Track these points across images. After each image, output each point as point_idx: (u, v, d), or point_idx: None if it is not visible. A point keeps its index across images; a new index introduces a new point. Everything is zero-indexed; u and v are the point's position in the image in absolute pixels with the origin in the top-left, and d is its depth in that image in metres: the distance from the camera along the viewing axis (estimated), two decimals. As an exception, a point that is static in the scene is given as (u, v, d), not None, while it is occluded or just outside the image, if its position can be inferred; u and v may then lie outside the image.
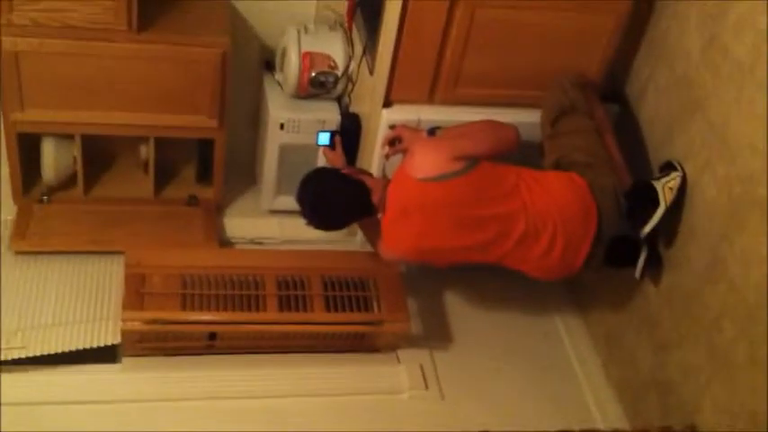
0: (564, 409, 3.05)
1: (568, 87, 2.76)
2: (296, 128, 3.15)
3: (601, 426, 2.99)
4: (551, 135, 2.76)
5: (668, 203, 2.66)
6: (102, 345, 2.87)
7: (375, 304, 3.00)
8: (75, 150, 3.15)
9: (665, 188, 2.68)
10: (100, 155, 3.34)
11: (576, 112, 2.74)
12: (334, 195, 2.70)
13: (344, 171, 2.80)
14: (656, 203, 2.67)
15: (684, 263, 2.74)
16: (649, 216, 2.68)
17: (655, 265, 2.82)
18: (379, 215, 2.76)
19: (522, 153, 2.71)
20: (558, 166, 2.71)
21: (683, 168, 2.71)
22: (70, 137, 3.13)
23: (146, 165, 3.29)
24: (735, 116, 2.53)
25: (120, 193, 3.34)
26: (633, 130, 3.00)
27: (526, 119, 2.82)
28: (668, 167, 2.75)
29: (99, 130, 3.09)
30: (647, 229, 2.68)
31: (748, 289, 2.46)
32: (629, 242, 2.76)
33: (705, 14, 2.68)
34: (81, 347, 2.85)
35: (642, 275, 2.79)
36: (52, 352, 2.81)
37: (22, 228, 3.13)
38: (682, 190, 2.70)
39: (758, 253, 2.43)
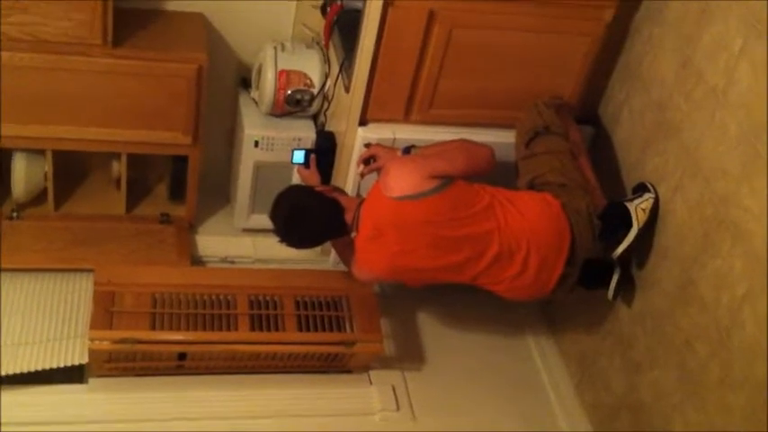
0: (536, 428, 3.04)
1: (543, 109, 2.78)
2: (270, 146, 3.13)
3: (573, 447, 3.00)
4: (526, 156, 2.76)
5: (641, 225, 2.68)
6: (69, 364, 2.82)
7: (348, 324, 2.97)
8: (47, 166, 3.12)
9: (638, 209, 2.69)
10: (71, 171, 3.31)
11: (550, 133, 2.75)
12: (308, 213, 2.69)
13: (318, 189, 2.79)
14: (628, 225, 2.68)
15: (657, 284, 2.75)
16: (622, 237, 2.69)
17: (627, 287, 2.83)
18: (353, 234, 2.75)
19: (496, 173, 2.71)
20: (532, 186, 2.72)
21: (655, 190, 2.73)
22: (41, 152, 3.09)
23: (118, 181, 3.26)
24: (707, 139, 2.55)
25: (92, 209, 3.30)
26: (607, 152, 3.02)
27: (501, 139, 2.83)
28: (641, 189, 2.77)
29: (71, 146, 3.05)
30: (620, 250, 2.70)
31: (720, 310, 2.47)
32: (602, 263, 2.78)
33: (679, 38, 2.71)
34: (48, 367, 2.80)
35: (615, 297, 2.81)
36: (18, 372, 2.76)
37: (-10, 244, 3.08)
38: (654, 211, 2.71)
39: (729, 275, 2.44)
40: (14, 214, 3.20)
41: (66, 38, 2.78)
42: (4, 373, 2.74)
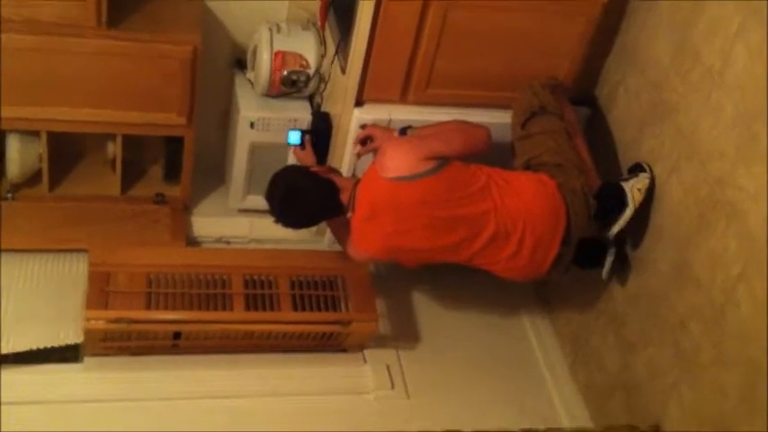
0: (530, 408, 3.06)
1: (539, 89, 2.78)
2: (266, 126, 3.13)
3: (566, 425, 3.00)
4: (522, 136, 2.77)
5: (636, 205, 2.68)
6: (64, 344, 2.83)
7: (343, 304, 2.98)
8: (41, 147, 3.10)
9: (634, 190, 2.70)
10: (66, 152, 3.30)
11: (546, 113, 2.75)
12: (304, 193, 2.68)
13: (314, 170, 2.79)
14: (624, 205, 2.69)
15: (651, 264, 2.76)
16: (617, 217, 2.70)
17: (622, 267, 2.84)
18: (349, 214, 2.75)
19: (493, 154, 2.72)
20: (528, 166, 2.72)
21: (651, 170, 2.74)
22: (36, 133, 3.08)
23: (113, 162, 3.25)
24: (703, 120, 2.56)
25: (87, 190, 3.29)
26: (603, 133, 3.03)
27: (497, 120, 2.83)
28: (637, 169, 2.77)
29: (66, 127, 3.04)
30: (615, 230, 2.71)
31: (714, 291, 2.48)
32: (596, 243, 2.79)
33: (676, 20, 2.71)
34: (43, 346, 2.81)
35: (609, 277, 2.82)
36: (14, 351, 2.77)
37: (-15, 225, 3.07)
38: (650, 192, 2.72)
39: (724, 255, 2.45)
40: (9, 195, 3.19)
41: (61, 19, 2.77)
42: (1, 352, 2.74)
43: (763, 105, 2.33)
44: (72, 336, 2.85)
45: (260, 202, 2.93)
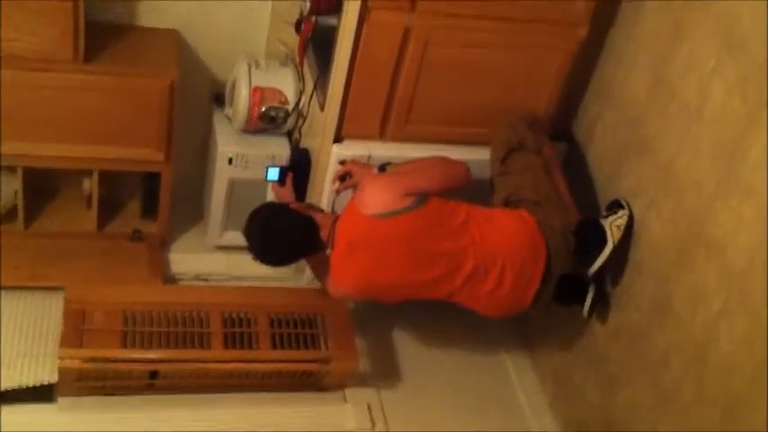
0: (512, 448, 3.04)
1: (517, 125, 2.78)
2: (245, 163, 3.12)
3: (548, 464, 2.99)
4: (501, 172, 2.77)
5: (615, 242, 2.68)
6: (38, 383, 2.78)
7: (323, 342, 2.95)
8: (17, 183, 3.07)
9: (613, 226, 2.70)
10: (42, 188, 3.27)
11: (524, 149, 2.75)
12: (283, 230, 2.66)
13: (293, 206, 2.77)
14: (603, 242, 2.69)
15: (632, 300, 2.75)
16: (597, 254, 2.69)
17: (602, 304, 2.83)
18: (328, 251, 2.73)
19: (472, 190, 2.71)
20: (507, 202, 2.72)
21: (629, 207, 2.74)
22: (12, 169, 3.05)
23: (89, 199, 3.23)
24: (681, 155, 2.57)
25: (63, 227, 3.26)
26: (581, 169, 3.03)
27: (476, 156, 2.83)
28: (615, 206, 2.77)
29: (42, 163, 3.02)
30: (596, 266, 2.70)
31: (695, 326, 2.48)
32: (577, 280, 2.78)
33: (653, 55, 2.73)
34: (17, 386, 2.76)
35: (590, 314, 2.80)
36: (-14, 391, 2.72)
37: (-41, 262, 3.03)
38: (629, 228, 2.72)
39: (704, 290, 2.45)
40: (-17, 232, 3.15)
41: (37, 54, 2.76)
42: (-28, 393, 2.70)
43: (740, 140, 2.35)
44: (46, 375, 2.80)
45: (238, 238, 2.90)
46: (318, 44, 2.96)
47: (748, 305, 2.29)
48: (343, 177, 2.81)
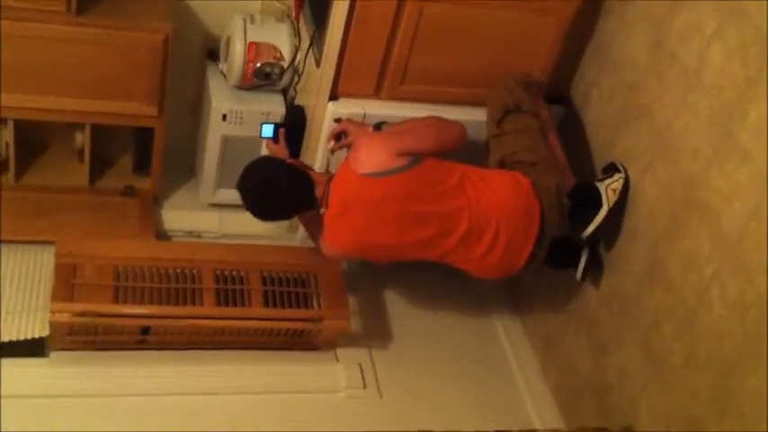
0: (501, 409, 3.05)
1: (513, 87, 2.76)
2: (239, 119, 3.09)
3: (537, 426, 2.99)
4: (497, 134, 2.75)
5: (611, 205, 2.68)
6: (29, 337, 2.78)
7: (315, 301, 2.95)
8: (8, 136, 3.04)
9: (608, 190, 2.69)
10: (33, 141, 3.24)
11: (521, 111, 2.73)
12: (278, 182, 2.63)
13: (289, 162, 2.75)
14: (598, 205, 2.68)
15: (625, 265, 2.75)
16: (592, 217, 2.69)
17: (596, 268, 2.83)
18: (322, 210, 2.72)
19: (467, 151, 2.69)
20: (502, 164, 2.71)
21: (626, 170, 2.73)
22: (2, 121, 3.01)
23: (81, 153, 3.20)
24: (678, 120, 2.55)
25: (54, 181, 3.23)
26: (577, 132, 3.02)
27: (472, 117, 2.81)
28: (611, 169, 2.76)
29: (33, 115, 2.98)
30: (590, 230, 2.70)
31: (687, 291, 2.48)
32: (570, 244, 2.77)
33: (651, 19, 2.71)
34: (8, 339, 2.75)
35: (583, 278, 2.81)
36: (-23, 344, 2.71)
37: (-52, 215, 3.00)
38: (624, 192, 2.71)
39: (697, 256, 2.45)
40: (-26, 185, 3.13)
41: (30, 4, 2.72)
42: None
43: (738, 105, 2.33)
44: (38, 329, 2.79)
45: (232, 195, 2.89)
46: (315, 0, 2.92)
47: (741, 270, 2.29)
48: (338, 136, 2.79)
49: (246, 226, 2.99)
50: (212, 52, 3.23)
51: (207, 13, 3.20)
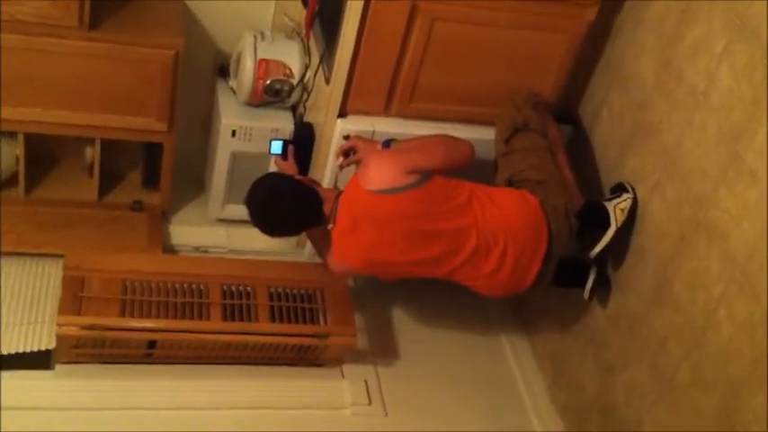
0: (508, 428, 3.03)
1: (521, 105, 2.77)
2: (248, 136, 3.10)
3: (544, 446, 2.99)
4: (505, 152, 2.75)
5: (619, 225, 2.67)
6: (35, 349, 2.78)
7: (321, 317, 2.95)
8: (18, 149, 3.06)
9: (617, 209, 2.69)
10: (44, 155, 3.25)
11: (529, 130, 2.74)
12: (286, 198, 2.64)
13: (297, 178, 2.76)
14: (606, 224, 2.68)
15: (632, 285, 2.75)
16: (599, 237, 2.69)
17: (603, 287, 2.83)
18: (330, 226, 2.72)
19: (475, 169, 2.70)
20: (510, 183, 2.71)
21: (634, 190, 2.73)
22: (13, 135, 3.03)
23: (91, 167, 3.21)
24: (687, 140, 2.55)
25: (63, 195, 3.25)
26: (586, 151, 3.02)
27: (481, 135, 2.82)
28: (620, 189, 2.76)
29: (44, 129, 3.00)
30: (597, 250, 2.69)
31: (695, 312, 2.47)
32: (578, 263, 2.77)
33: (661, 38, 2.71)
34: (14, 352, 2.75)
35: (591, 297, 2.80)
36: (-17, 355, 2.71)
37: (-41, 227, 3.02)
38: (632, 212, 2.71)
39: (705, 276, 2.44)
40: (-16, 197, 3.14)
41: (42, 18, 2.74)
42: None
43: (746, 126, 2.33)
44: (44, 342, 2.79)
45: (240, 211, 2.89)
46: (325, 18, 2.94)
47: (750, 291, 2.29)
48: (347, 152, 2.80)
49: (254, 242, 3.00)
50: (223, 69, 3.25)
51: (218, 29, 3.23)
